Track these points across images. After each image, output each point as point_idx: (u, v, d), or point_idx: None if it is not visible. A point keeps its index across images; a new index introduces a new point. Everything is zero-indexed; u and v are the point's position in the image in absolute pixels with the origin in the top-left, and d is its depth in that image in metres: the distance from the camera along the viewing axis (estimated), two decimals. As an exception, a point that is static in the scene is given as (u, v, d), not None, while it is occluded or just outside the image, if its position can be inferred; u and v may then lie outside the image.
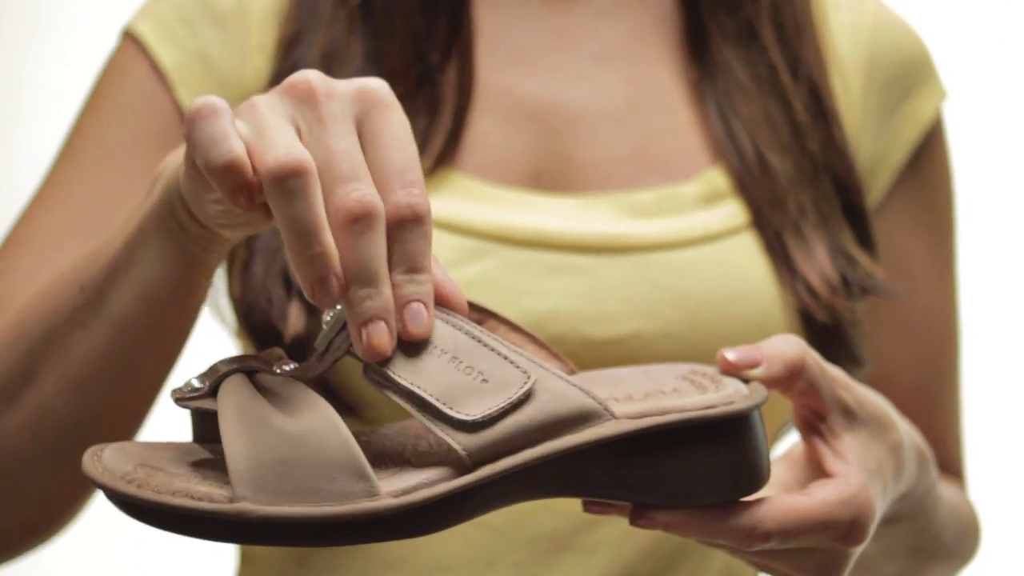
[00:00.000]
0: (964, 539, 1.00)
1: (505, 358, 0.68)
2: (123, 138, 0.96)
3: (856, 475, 0.74)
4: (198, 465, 0.68)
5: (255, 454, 0.65)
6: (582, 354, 0.91)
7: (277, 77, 0.96)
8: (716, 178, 0.97)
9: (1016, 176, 1.98)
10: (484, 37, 0.98)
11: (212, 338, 1.02)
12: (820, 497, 0.73)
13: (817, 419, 0.76)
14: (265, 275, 0.92)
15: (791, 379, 0.73)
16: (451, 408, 0.67)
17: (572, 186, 0.96)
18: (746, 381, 0.73)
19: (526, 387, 0.68)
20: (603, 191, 0.96)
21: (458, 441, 0.67)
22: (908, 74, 1.03)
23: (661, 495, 0.70)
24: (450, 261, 0.92)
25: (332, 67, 0.95)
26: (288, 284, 0.91)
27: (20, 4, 2.01)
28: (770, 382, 0.73)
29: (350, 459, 0.65)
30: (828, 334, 0.95)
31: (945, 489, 0.94)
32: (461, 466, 0.67)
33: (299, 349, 0.90)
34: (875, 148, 1.02)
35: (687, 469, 0.70)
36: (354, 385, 0.91)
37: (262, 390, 0.68)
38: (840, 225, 0.98)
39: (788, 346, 0.74)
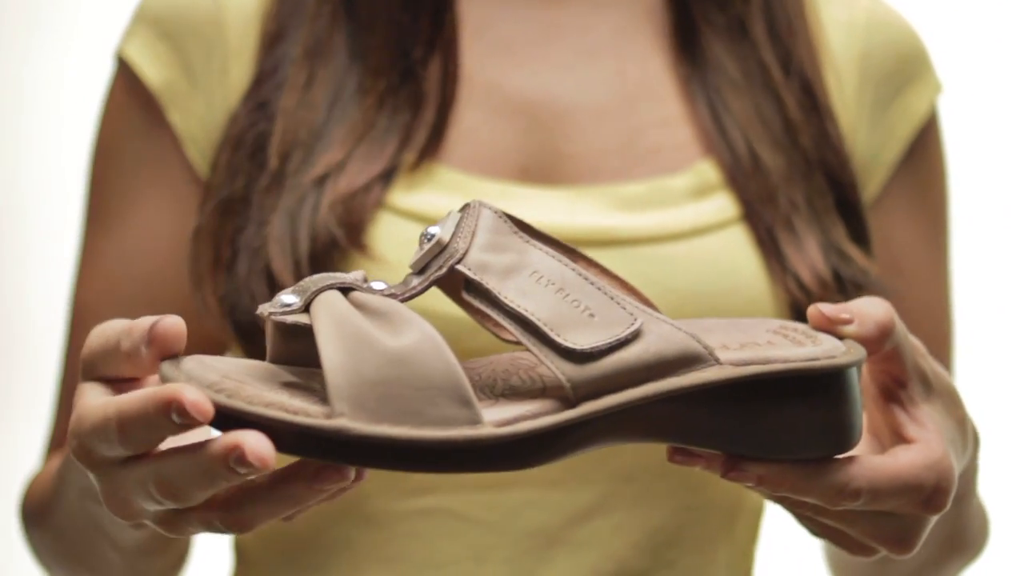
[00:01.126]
0: (980, 535, 0.99)
1: (612, 298, 0.67)
2: (138, 188, 0.97)
3: (937, 442, 0.72)
4: (285, 384, 0.65)
5: (356, 371, 0.62)
6: None
7: (260, 75, 0.95)
8: (707, 171, 0.96)
9: (1011, 170, 1.97)
10: (470, 31, 0.97)
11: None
12: (906, 459, 0.71)
13: (897, 386, 0.74)
14: (248, 273, 0.91)
15: (881, 340, 0.72)
16: (559, 335, 0.65)
17: (561, 179, 0.95)
18: (840, 339, 0.71)
19: (634, 327, 0.66)
20: (592, 184, 0.95)
21: (563, 371, 0.65)
22: (903, 69, 1.02)
23: (755, 447, 0.69)
24: None
25: (315, 63, 0.95)
26: (271, 282, 0.90)
27: (20, 4, 2.00)
28: (862, 341, 0.72)
29: (455, 384, 0.63)
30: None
31: None
32: (564, 400, 0.65)
33: None
34: (870, 143, 1.01)
35: (785, 422, 0.69)
36: None
37: (360, 307, 0.65)
38: (833, 221, 0.96)
39: (876, 308, 0.72)
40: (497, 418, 0.64)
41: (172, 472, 0.63)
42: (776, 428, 0.69)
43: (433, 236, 0.67)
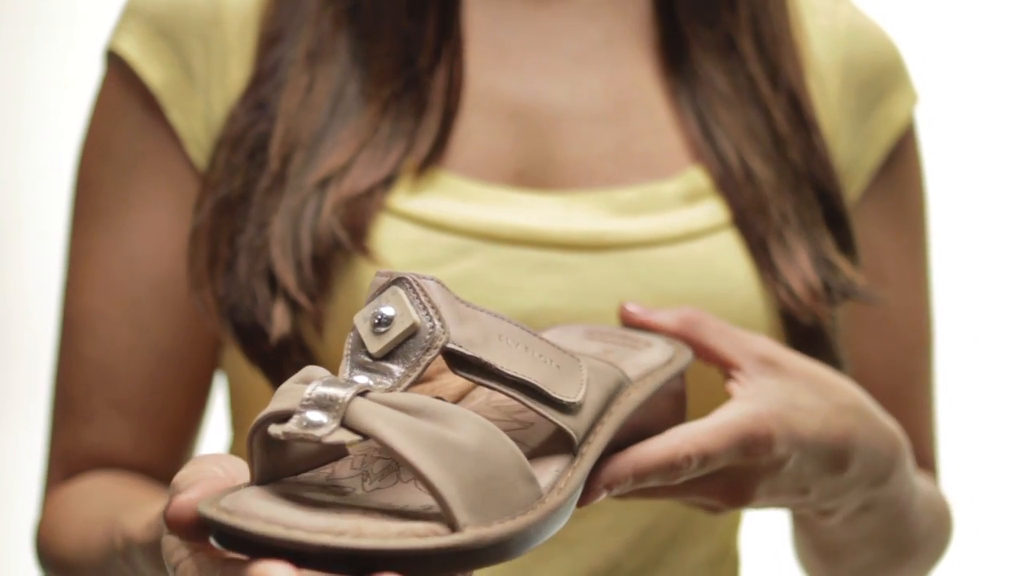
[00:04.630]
0: (937, 532, 0.97)
1: (555, 346, 0.67)
2: (139, 189, 0.94)
3: (761, 397, 0.77)
4: (325, 504, 0.60)
5: (457, 478, 0.59)
6: None
7: (259, 75, 0.92)
8: (697, 177, 0.94)
9: (985, 177, 1.97)
10: (470, 37, 0.94)
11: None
12: (724, 416, 0.75)
13: (730, 369, 0.80)
14: (249, 274, 0.88)
15: (687, 329, 0.80)
16: (554, 392, 0.65)
17: (556, 184, 0.92)
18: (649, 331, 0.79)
19: (584, 369, 0.67)
20: (586, 189, 0.92)
21: (568, 424, 0.65)
22: (882, 78, 1.00)
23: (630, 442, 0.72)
24: (436, 260, 0.88)
25: (317, 66, 0.92)
26: (273, 283, 0.87)
27: (20, 3, 1.98)
28: (669, 332, 0.80)
29: (521, 464, 0.61)
30: (809, 337, 0.92)
31: (920, 480, 0.92)
32: (568, 448, 0.66)
33: (282, 350, 0.87)
34: (851, 150, 0.99)
35: (654, 415, 0.74)
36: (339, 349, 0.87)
37: (398, 410, 0.60)
38: (821, 232, 0.94)
39: (680, 308, 0.81)
40: (544, 484, 0.63)
41: None
42: (650, 422, 0.73)
43: (389, 318, 0.63)
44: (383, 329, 0.63)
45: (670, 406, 0.76)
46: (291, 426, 0.59)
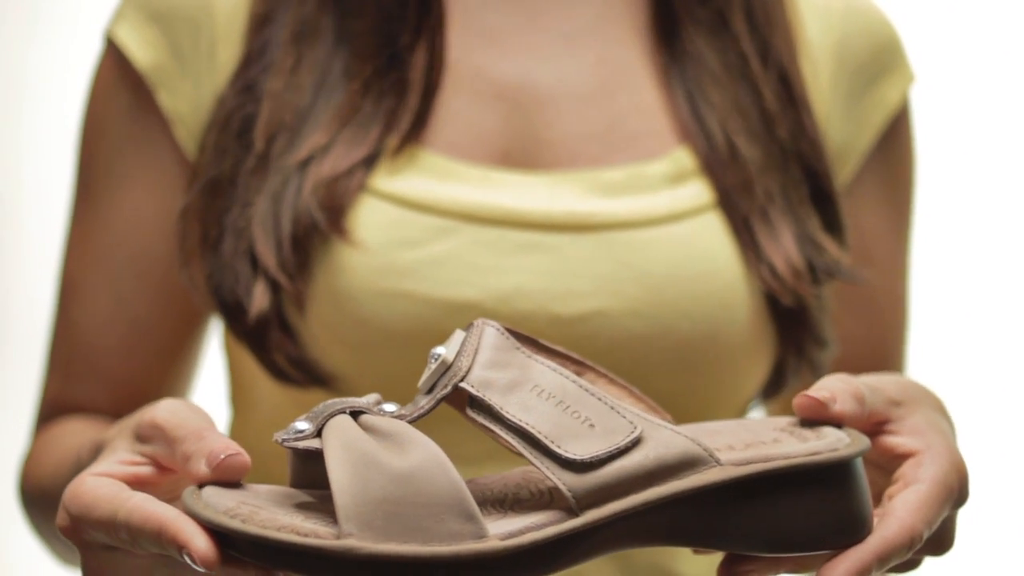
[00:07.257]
0: None
1: (612, 408, 0.66)
2: (126, 168, 0.95)
3: (939, 442, 0.71)
4: (301, 506, 0.65)
5: (362, 491, 0.62)
6: (549, 331, 0.87)
7: (248, 57, 0.92)
8: (683, 158, 0.92)
9: (981, 161, 1.95)
10: (455, 16, 0.93)
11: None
12: (930, 476, 0.70)
13: (879, 426, 0.73)
14: (233, 253, 0.88)
15: (860, 407, 0.71)
16: (558, 446, 0.65)
17: (541, 164, 0.91)
18: (838, 426, 0.70)
19: (633, 435, 0.66)
20: (571, 169, 0.91)
21: (564, 481, 0.64)
22: (877, 59, 0.99)
23: (770, 544, 0.67)
24: (418, 240, 0.88)
25: (302, 46, 0.92)
26: (254, 263, 0.88)
27: (21, 2, 1.98)
28: (847, 419, 0.70)
29: (459, 500, 0.62)
30: (792, 317, 0.91)
31: None
32: (567, 509, 0.65)
33: (264, 328, 0.87)
34: (844, 131, 0.97)
35: (789, 517, 0.68)
36: (327, 358, 0.88)
37: (369, 430, 0.65)
38: (808, 212, 0.93)
39: (841, 381, 0.71)
40: (503, 531, 0.63)
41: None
42: (781, 524, 0.68)
43: (439, 356, 0.67)
44: (431, 365, 0.67)
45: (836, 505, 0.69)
46: (280, 432, 0.65)
